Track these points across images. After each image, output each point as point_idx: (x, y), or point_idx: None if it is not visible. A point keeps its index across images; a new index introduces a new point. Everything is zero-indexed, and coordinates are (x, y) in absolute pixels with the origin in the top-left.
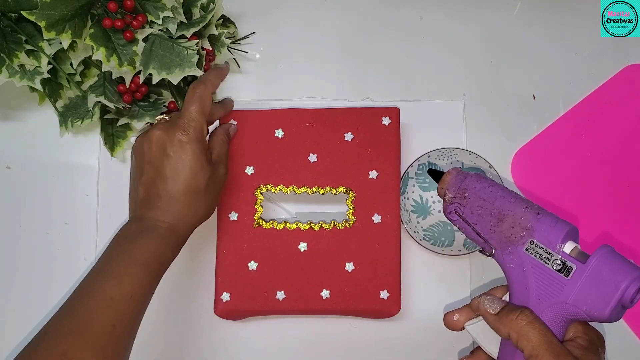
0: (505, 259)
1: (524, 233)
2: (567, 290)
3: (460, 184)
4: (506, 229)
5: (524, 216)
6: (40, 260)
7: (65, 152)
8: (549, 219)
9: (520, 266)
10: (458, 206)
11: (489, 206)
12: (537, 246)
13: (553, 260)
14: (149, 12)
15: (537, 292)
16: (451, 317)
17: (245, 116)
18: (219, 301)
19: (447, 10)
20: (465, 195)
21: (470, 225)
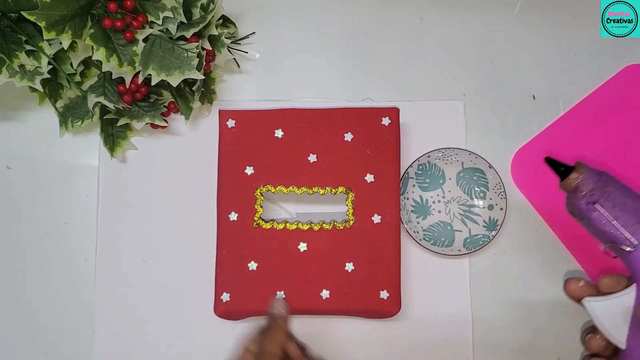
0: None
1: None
2: None
3: (599, 178)
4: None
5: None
6: (40, 260)
7: (65, 152)
8: None
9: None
10: (598, 198)
11: (632, 203)
12: None
13: None
14: (149, 13)
15: None
16: (576, 283)
17: (245, 116)
18: (219, 301)
19: (447, 11)
20: (607, 190)
21: (612, 220)
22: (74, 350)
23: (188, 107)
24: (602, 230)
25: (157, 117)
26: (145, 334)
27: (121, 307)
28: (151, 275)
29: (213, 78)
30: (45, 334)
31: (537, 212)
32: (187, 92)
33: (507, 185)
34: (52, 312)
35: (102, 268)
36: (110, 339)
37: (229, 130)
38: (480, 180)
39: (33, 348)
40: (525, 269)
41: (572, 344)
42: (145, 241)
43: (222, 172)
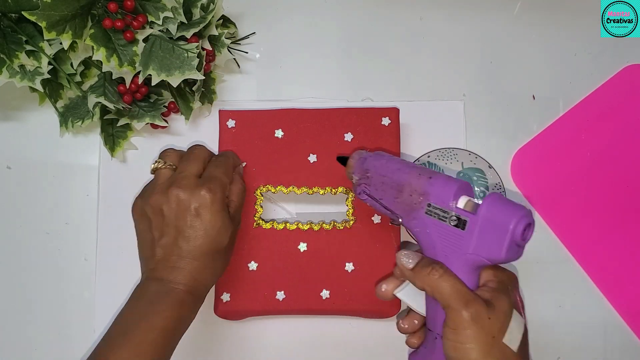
0: (411, 224)
1: (421, 198)
2: (466, 241)
3: (362, 164)
4: (406, 198)
5: (418, 182)
6: (40, 260)
7: (65, 152)
8: (440, 180)
9: (424, 228)
10: (365, 186)
11: (388, 180)
12: (434, 207)
13: (449, 217)
14: (149, 13)
15: (442, 249)
16: (380, 288)
17: (245, 116)
18: (219, 301)
19: (447, 11)
20: (368, 175)
21: (377, 201)
22: (74, 350)
23: (188, 107)
24: (379, 212)
25: (157, 117)
26: None
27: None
28: None
29: (213, 78)
30: (45, 334)
31: (537, 212)
32: (187, 92)
33: (507, 185)
34: (52, 312)
35: (102, 268)
36: None
37: (229, 130)
38: (480, 180)
39: (33, 348)
40: (525, 268)
41: (572, 343)
42: None
43: None
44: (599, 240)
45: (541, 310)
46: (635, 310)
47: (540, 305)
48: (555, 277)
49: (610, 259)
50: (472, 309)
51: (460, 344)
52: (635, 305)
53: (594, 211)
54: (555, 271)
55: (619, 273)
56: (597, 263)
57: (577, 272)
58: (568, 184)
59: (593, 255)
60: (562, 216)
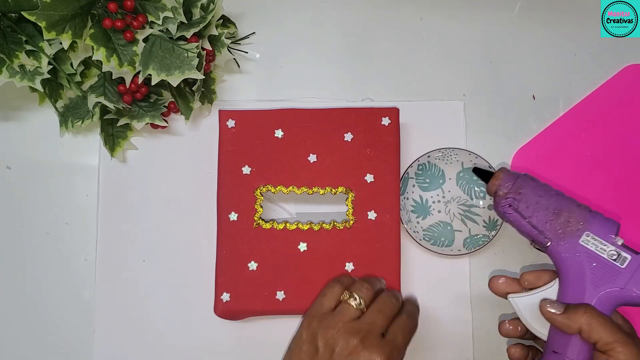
0: (560, 249)
1: (580, 226)
2: (623, 277)
3: (515, 180)
4: (563, 222)
5: (578, 212)
6: (40, 260)
7: (65, 152)
8: (600, 215)
9: (575, 254)
10: (513, 200)
11: (545, 202)
12: (593, 238)
13: (608, 251)
14: (149, 13)
15: (593, 279)
16: (497, 280)
17: (245, 116)
18: (219, 301)
19: (447, 11)
20: (521, 192)
21: (525, 219)
22: (74, 350)
23: (188, 107)
24: (521, 230)
25: (157, 117)
26: (145, 334)
27: (121, 307)
28: (151, 275)
29: (213, 78)
30: (45, 334)
31: None
32: (187, 92)
33: None
34: (52, 312)
35: (102, 268)
36: (110, 339)
37: (229, 130)
38: (480, 181)
39: (33, 348)
40: (525, 269)
41: None
42: (145, 241)
43: (222, 172)
44: None
45: None
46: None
47: None
48: None
49: None
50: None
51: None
52: None
53: None
54: None
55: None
56: None
57: None
58: (568, 184)
59: None
60: None
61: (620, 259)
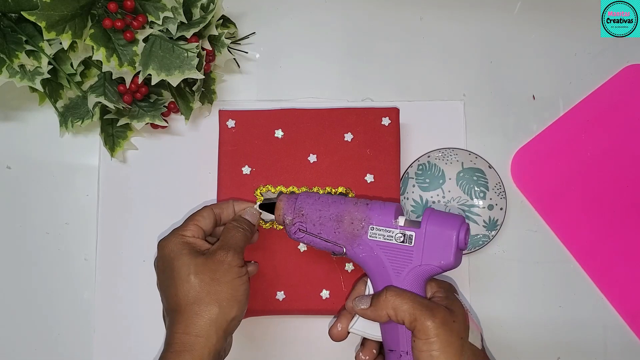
0: (356, 251)
1: (363, 223)
2: (416, 254)
3: (295, 204)
4: (347, 226)
5: (357, 210)
6: (40, 260)
7: (65, 152)
8: (377, 205)
9: (371, 251)
10: (300, 224)
11: (326, 214)
12: (377, 229)
13: (395, 235)
14: (149, 13)
15: (393, 266)
16: (336, 329)
17: (245, 116)
18: None
19: (447, 11)
20: (303, 212)
21: (316, 236)
22: (74, 350)
23: (188, 107)
24: (318, 247)
25: (157, 117)
26: (145, 333)
27: (121, 307)
28: (151, 275)
29: (213, 78)
30: (45, 334)
31: (537, 212)
32: (187, 92)
33: (507, 185)
34: (52, 312)
35: (102, 268)
36: (110, 339)
37: (229, 130)
38: (480, 180)
39: (33, 348)
40: (525, 269)
41: (572, 343)
42: (145, 241)
43: (222, 172)
44: (599, 240)
45: (541, 310)
46: (635, 310)
47: (540, 305)
48: (555, 277)
49: (610, 259)
50: (439, 316)
51: (435, 351)
52: (635, 305)
53: (594, 211)
54: (555, 271)
55: (619, 273)
56: (597, 263)
57: (577, 272)
58: (568, 184)
59: (593, 255)
60: (562, 216)
61: (407, 238)
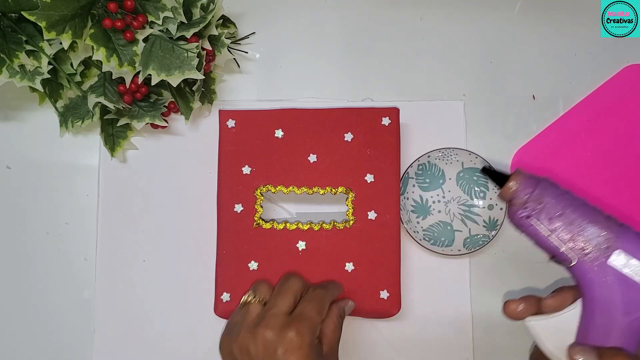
0: (586, 269)
1: (610, 243)
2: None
3: (535, 187)
4: (589, 239)
5: (607, 226)
6: (40, 260)
7: (65, 152)
8: (631, 230)
9: (604, 277)
10: (532, 211)
11: (569, 214)
12: (624, 257)
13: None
14: (149, 13)
15: (624, 304)
16: (515, 307)
17: (245, 116)
18: (219, 301)
19: (447, 11)
20: (542, 200)
21: (547, 233)
22: (74, 350)
23: (188, 107)
24: (541, 245)
25: (157, 117)
26: (145, 334)
27: (121, 307)
28: (151, 275)
29: (213, 78)
30: (45, 334)
31: None
32: (187, 92)
33: None
34: (52, 312)
35: (102, 268)
36: (110, 339)
37: (229, 130)
38: (480, 180)
39: (33, 348)
40: (525, 268)
41: None
42: (145, 241)
43: (222, 172)
44: None
45: None
46: None
47: None
48: (555, 277)
49: None
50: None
51: None
52: None
53: None
54: (555, 271)
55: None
56: None
57: None
58: (568, 184)
59: None
60: None
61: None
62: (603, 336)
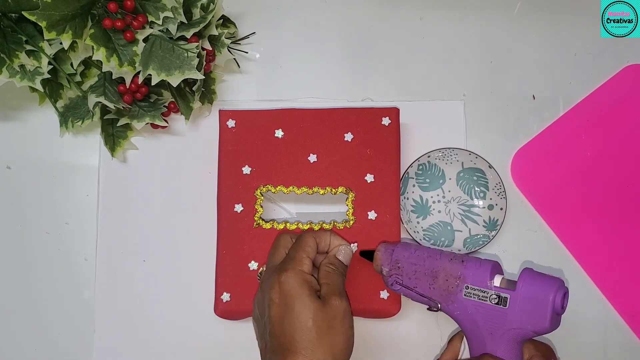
0: (451, 308)
1: (458, 282)
2: (510, 317)
3: (391, 256)
4: (442, 283)
5: (452, 267)
6: (40, 260)
7: (65, 152)
8: (473, 262)
9: (465, 310)
10: (396, 276)
11: (421, 268)
12: (472, 289)
13: (489, 296)
14: (149, 13)
15: (486, 327)
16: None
17: (245, 116)
18: (219, 301)
19: (447, 11)
20: (399, 265)
21: (412, 290)
22: (74, 350)
23: (188, 107)
24: (416, 300)
25: (157, 117)
26: (145, 334)
27: (121, 307)
28: (151, 275)
29: (213, 78)
30: (45, 334)
31: (537, 212)
32: (187, 92)
33: (507, 185)
34: (52, 312)
35: (102, 268)
36: (110, 339)
37: (229, 130)
38: (480, 180)
39: (33, 348)
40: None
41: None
42: (146, 241)
43: (222, 172)
44: (599, 240)
45: None
46: (635, 310)
47: None
48: None
49: (611, 259)
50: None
51: None
52: (635, 305)
53: (594, 211)
54: (555, 271)
55: (620, 273)
56: (598, 263)
57: (577, 272)
58: (568, 184)
59: (593, 255)
60: (562, 216)
61: (502, 300)
62: None
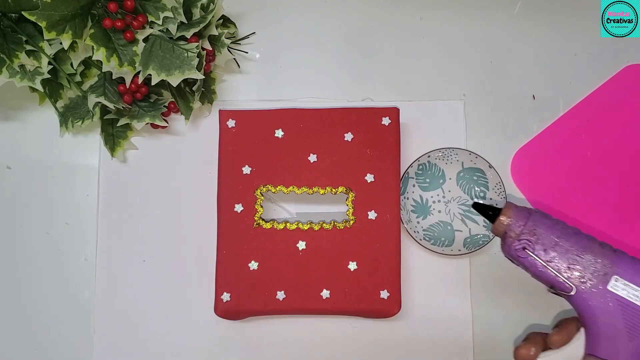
0: (587, 297)
1: (608, 270)
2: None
3: (527, 219)
4: (586, 266)
5: (602, 253)
6: (40, 260)
7: (65, 152)
8: (626, 256)
9: (606, 303)
10: (527, 242)
11: (564, 243)
12: (623, 283)
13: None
14: (149, 13)
15: (628, 329)
16: (527, 352)
17: (245, 116)
18: (219, 301)
19: (447, 11)
20: (537, 232)
21: (545, 264)
22: (74, 350)
23: (188, 107)
24: (538, 276)
25: (157, 117)
26: (145, 334)
27: (121, 307)
28: (151, 275)
29: (213, 78)
30: (45, 334)
31: None
32: (187, 92)
33: (507, 185)
34: (52, 312)
35: (102, 268)
36: (110, 339)
37: (229, 130)
38: (480, 180)
39: (33, 348)
40: None
41: None
42: (146, 241)
43: (222, 172)
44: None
45: (541, 310)
46: None
47: (541, 306)
48: None
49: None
50: None
51: None
52: None
53: (594, 211)
54: None
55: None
56: None
57: None
58: (568, 184)
59: None
60: (562, 216)
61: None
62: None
